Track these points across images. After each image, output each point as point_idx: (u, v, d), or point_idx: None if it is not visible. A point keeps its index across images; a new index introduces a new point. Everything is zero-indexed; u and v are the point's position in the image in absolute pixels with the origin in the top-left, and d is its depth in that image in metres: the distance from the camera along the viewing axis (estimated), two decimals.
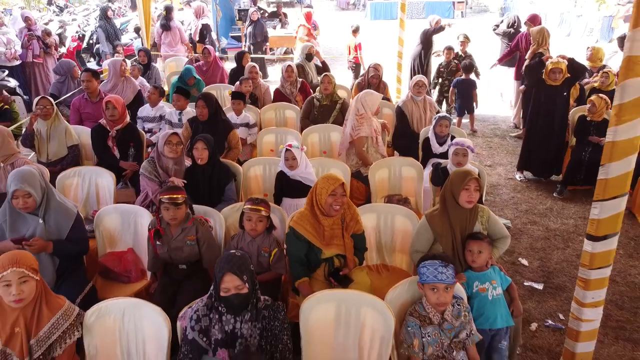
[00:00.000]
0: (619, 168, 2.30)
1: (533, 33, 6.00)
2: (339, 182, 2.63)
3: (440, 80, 7.33)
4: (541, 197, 5.05)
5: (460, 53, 7.31)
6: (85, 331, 2.18)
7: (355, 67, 8.64)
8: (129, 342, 2.21)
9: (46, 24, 10.34)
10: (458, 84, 6.90)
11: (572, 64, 4.93)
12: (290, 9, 16.80)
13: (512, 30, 7.25)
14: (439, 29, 7.19)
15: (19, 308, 2.04)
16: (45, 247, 2.67)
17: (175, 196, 2.72)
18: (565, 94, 5.07)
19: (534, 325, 3.26)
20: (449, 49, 7.23)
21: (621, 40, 7.33)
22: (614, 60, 7.06)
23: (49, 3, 15.07)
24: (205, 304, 2.08)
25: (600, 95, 4.89)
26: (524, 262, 3.96)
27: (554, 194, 5.03)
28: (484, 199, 3.65)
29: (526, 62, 6.02)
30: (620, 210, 2.40)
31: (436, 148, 4.16)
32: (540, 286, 3.64)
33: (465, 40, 7.27)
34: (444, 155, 4.03)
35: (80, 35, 10.32)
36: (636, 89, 2.15)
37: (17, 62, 7.51)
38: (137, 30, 9.95)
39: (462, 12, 21.28)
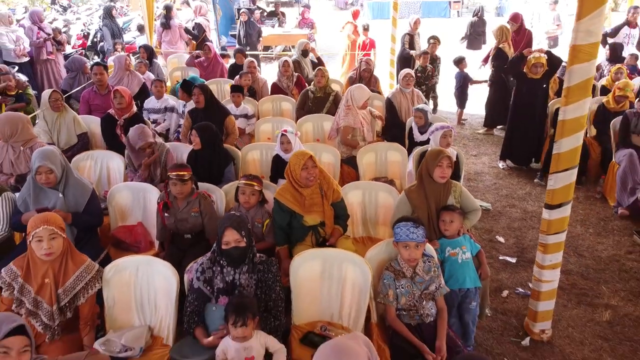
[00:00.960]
0: (569, 143, 2.63)
1: (494, 31, 6.48)
2: (307, 155, 2.98)
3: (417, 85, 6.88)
4: (521, 183, 5.39)
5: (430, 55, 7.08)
6: (104, 284, 2.52)
7: None
8: (142, 294, 2.55)
9: (50, 22, 10.66)
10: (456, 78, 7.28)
11: (550, 57, 5.27)
12: (288, 9, 17.12)
13: (476, 18, 7.60)
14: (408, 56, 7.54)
15: (48, 261, 2.37)
16: (65, 217, 2.96)
17: (182, 173, 3.06)
18: (545, 86, 5.41)
19: (505, 292, 3.60)
20: (425, 53, 6.98)
21: (604, 38, 7.69)
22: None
23: (53, 2, 15.37)
24: (209, 258, 2.42)
25: None
26: (501, 239, 4.29)
27: (535, 180, 5.37)
28: (461, 180, 3.98)
29: (490, 57, 6.61)
30: (572, 181, 2.72)
31: (417, 136, 4.50)
32: (513, 260, 3.98)
33: (435, 42, 7.14)
34: (425, 142, 4.35)
35: (85, 34, 10.65)
36: (580, 74, 2.48)
37: (26, 59, 7.82)
38: (140, 28, 10.28)
39: (458, 12, 21.58)
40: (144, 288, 2.54)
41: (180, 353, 2.28)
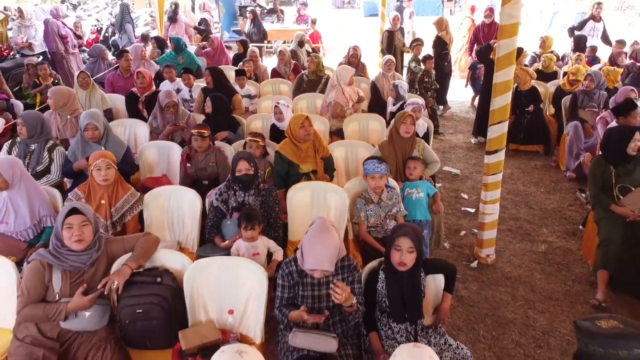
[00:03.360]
0: (500, 101, 3.42)
1: (434, 22, 7.62)
2: (304, 116, 3.74)
3: (423, 91, 6.78)
4: None
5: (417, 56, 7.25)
6: (144, 207, 3.30)
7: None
8: (172, 215, 3.33)
9: None
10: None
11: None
12: (286, 7, 17.97)
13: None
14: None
15: (104, 186, 3.15)
16: None
17: (202, 131, 3.84)
18: None
19: (462, 232, 4.40)
20: (430, 57, 6.92)
21: (571, 31, 8.49)
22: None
23: (62, 1, 16.12)
24: (225, 184, 3.21)
25: (524, 68, 5.99)
26: (465, 196, 5.09)
27: None
28: (430, 142, 4.77)
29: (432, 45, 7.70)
30: (504, 132, 3.51)
31: (390, 107, 5.35)
32: (472, 210, 4.77)
33: (419, 44, 7.28)
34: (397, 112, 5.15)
35: (98, 28, 11.44)
36: (506, 47, 3.27)
37: (36, 52, 8.48)
38: (147, 24, 11.05)
39: (450, 10, 22.35)
40: (174, 210, 3.32)
41: (204, 252, 3.05)
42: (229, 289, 2.51)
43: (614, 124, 4.35)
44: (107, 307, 2.47)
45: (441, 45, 7.63)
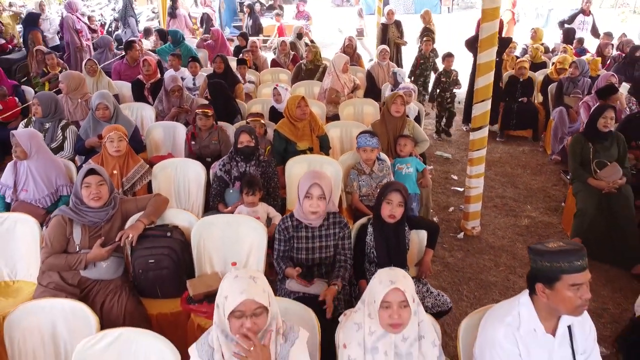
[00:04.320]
0: (484, 81, 3.68)
1: (421, 15, 8.14)
2: (300, 96, 4.01)
3: (438, 91, 6.54)
4: None
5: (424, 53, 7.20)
6: (152, 177, 3.55)
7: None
8: (179, 184, 3.59)
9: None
10: None
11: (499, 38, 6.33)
12: (286, 5, 18.23)
13: None
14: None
15: (116, 157, 3.41)
16: None
17: (206, 110, 4.10)
18: (497, 59, 6.45)
19: (451, 209, 4.66)
20: (450, 56, 6.46)
21: (561, 24, 8.75)
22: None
23: None
24: (228, 156, 3.46)
25: (523, 60, 6.27)
26: (455, 177, 5.35)
27: (497, 139, 6.39)
28: (422, 124, 5.02)
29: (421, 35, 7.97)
30: (487, 109, 3.78)
31: (388, 93, 5.59)
32: (461, 189, 5.02)
33: (429, 39, 7.22)
34: None
35: (102, 23, 11.70)
36: (488, 30, 3.53)
37: (48, 45, 8.74)
38: (150, 19, 11.31)
39: (448, 8, 22.62)
40: (180, 180, 3.58)
41: None
42: (232, 243, 2.77)
43: None
44: (121, 260, 2.73)
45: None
